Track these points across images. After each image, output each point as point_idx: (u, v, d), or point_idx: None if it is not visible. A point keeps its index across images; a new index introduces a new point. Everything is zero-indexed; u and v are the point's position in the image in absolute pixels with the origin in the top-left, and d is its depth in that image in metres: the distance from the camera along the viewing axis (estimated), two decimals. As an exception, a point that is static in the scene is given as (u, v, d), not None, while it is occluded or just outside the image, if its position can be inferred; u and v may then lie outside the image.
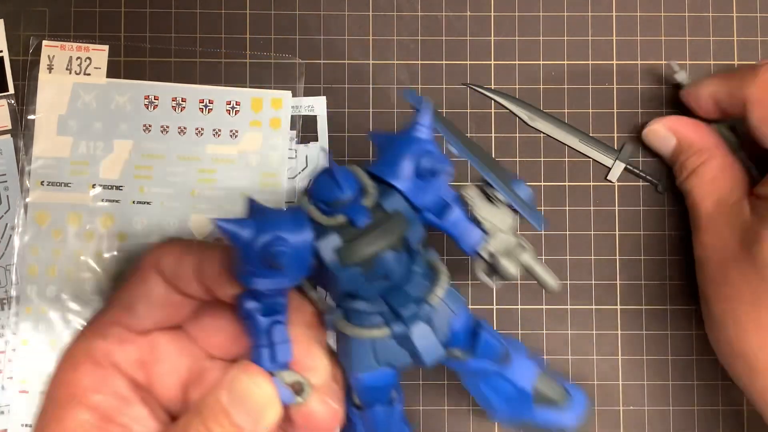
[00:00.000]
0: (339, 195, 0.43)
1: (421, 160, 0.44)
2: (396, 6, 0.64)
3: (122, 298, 0.50)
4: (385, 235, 0.43)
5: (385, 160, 0.45)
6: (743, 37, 0.64)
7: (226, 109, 0.63)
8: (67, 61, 0.63)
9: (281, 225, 0.42)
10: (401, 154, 0.45)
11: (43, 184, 0.62)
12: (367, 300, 0.45)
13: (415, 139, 0.45)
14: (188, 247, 0.49)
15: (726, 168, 0.58)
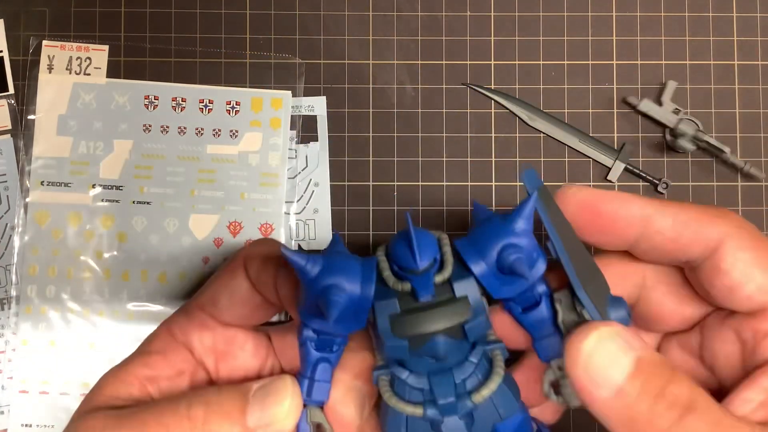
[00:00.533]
0: (412, 265, 0.40)
1: (506, 256, 0.40)
2: (396, 6, 0.64)
3: (212, 287, 0.49)
4: (440, 318, 0.40)
5: (474, 238, 0.42)
6: (743, 37, 0.64)
7: (226, 109, 0.63)
8: (67, 61, 0.63)
9: (348, 272, 0.41)
10: (489, 240, 0.41)
11: (43, 184, 0.62)
12: (413, 372, 0.42)
13: (508, 230, 0.41)
14: (274, 254, 0.48)
15: None
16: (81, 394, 0.61)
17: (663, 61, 0.64)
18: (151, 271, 0.63)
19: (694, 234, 0.42)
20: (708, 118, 0.64)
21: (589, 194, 0.44)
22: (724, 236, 0.41)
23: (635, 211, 0.43)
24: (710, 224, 0.42)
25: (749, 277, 0.41)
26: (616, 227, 0.43)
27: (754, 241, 0.42)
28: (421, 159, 0.64)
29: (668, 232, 0.42)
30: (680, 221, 0.42)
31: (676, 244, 0.42)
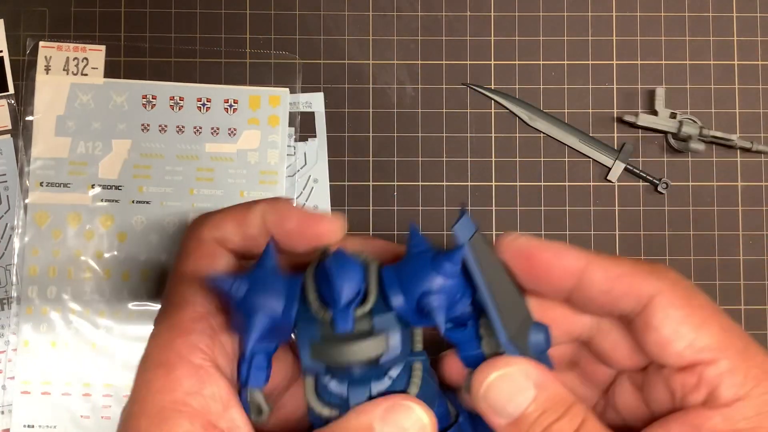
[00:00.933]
0: (331, 301, 0.40)
1: (427, 301, 0.40)
2: (396, 6, 0.64)
3: (188, 290, 0.44)
4: (355, 353, 0.40)
5: (402, 271, 0.41)
6: (743, 37, 0.65)
7: (224, 108, 0.63)
8: (64, 61, 0.63)
9: (272, 293, 0.41)
10: (415, 278, 0.41)
11: (42, 185, 0.62)
12: (335, 377, 0.43)
13: (434, 274, 0.40)
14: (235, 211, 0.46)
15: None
16: (83, 395, 0.61)
17: (663, 61, 0.64)
18: (151, 270, 0.63)
19: (626, 289, 0.42)
20: (708, 118, 0.64)
21: (525, 243, 0.44)
22: (655, 293, 0.41)
23: (569, 262, 0.43)
24: (642, 280, 0.42)
25: (679, 334, 0.41)
26: (551, 277, 0.43)
27: (686, 299, 0.42)
28: (421, 159, 0.64)
29: (600, 285, 0.42)
30: (613, 275, 0.42)
31: (608, 297, 0.42)
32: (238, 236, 0.44)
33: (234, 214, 0.45)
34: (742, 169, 0.64)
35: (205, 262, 0.44)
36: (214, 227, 0.45)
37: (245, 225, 0.44)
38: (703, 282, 0.64)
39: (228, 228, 0.44)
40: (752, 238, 0.64)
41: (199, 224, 0.45)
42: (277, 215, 0.44)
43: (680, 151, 0.64)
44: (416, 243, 0.43)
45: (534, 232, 0.63)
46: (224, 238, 0.44)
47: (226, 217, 0.45)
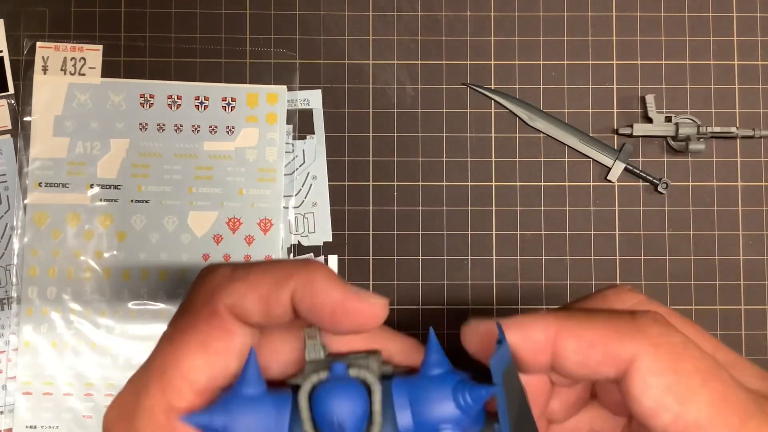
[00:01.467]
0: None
1: (440, 429, 0.37)
2: (396, 6, 0.64)
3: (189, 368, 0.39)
4: None
5: (416, 392, 0.38)
6: (743, 37, 0.65)
7: (221, 106, 0.63)
8: (61, 61, 0.63)
9: (257, 423, 0.37)
10: (430, 407, 0.38)
11: (41, 186, 0.62)
12: None
13: (452, 405, 0.38)
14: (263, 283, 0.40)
15: None
16: (85, 394, 0.61)
17: (663, 61, 0.64)
18: (151, 269, 0.63)
19: (602, 356, 0.37)
20: (708, 118, 0.64)
21: (485, 330, 0.39)
22: (635, 357, 0.36)
23: (537, 338, 0.37)
24: (618, 343, 0.36)
25: (663, 406, 0.36)
26: (523, 358, 0.38)
27: (671, 362, 0.36)
28: (421, 159, 0.64)
29: (574, 356, 0.37)
30: (586, 342, 0.37)
31: (586, 368, 0.37)
32: (261, 315, 0.38)
33: (261, 290, 0.38)
34: (742, 169, 0.64)
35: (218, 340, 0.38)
36: (235, 298, 0.38)
37: (272, 305, 0.38)
38: (703, 282, 0.64)
39: (250, 303, 0.38)
40: (752, 238, 0.64)
41: (215, 288, 0.39)
42: (311, 300, 0.38)
43: (680, 151, 0.64)
44: (435, 360, 0.40)
45: (534, 232, 0.64)
46: (244, 313, 0.38)
47: (251, 291, 0.38)
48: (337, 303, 0.38)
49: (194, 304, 0.39)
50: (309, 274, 0.38)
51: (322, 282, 0.38)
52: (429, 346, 0.40)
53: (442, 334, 0.63)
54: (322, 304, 0.38)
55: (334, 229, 0.63)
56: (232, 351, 0.38)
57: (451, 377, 0.38)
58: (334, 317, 0.38)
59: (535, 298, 0.63)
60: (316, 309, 0.38)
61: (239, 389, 0.38)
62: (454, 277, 0.63)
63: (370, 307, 0.39)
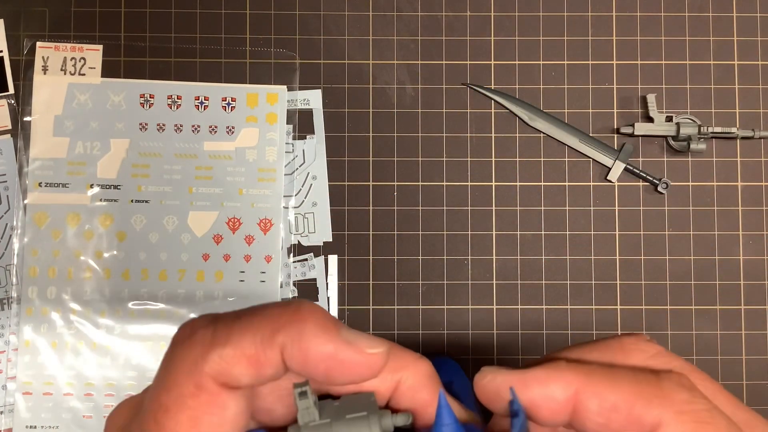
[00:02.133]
0: None
1: None
2: (396, 6, 0.64)
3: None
4: None
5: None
6: (743, 37, 0.65)
7: (221, 106, 0.63)
8: (61, 61, 0.63)
9: None
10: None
11: (41, 186, 0.62)
12: None
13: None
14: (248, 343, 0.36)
15: None
16: (85, 394, 0.61)
17: (663, 61, 0.64)
18: (151, 269, 0.63)
19: (626, 420, 0.35)
20: (708, 118, 0.64)
21: (504, 380, 0.37)
22: (660, 424, 0.35)
23: (557, 393, 0.36)
24: (643, 408, 0.35)
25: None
26: (541, 416, 0.37)
27: (696, 431, 0.35)
28: (421, 159, 0.64)
29: (596, 417, 0.36)
30: (609, 404, 0.36)
31: (607, 429, 0.36)
32: (250, 378, 0.35)
33: (247, 352, 0.35)
34: (742, 169, 0.64)
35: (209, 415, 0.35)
36: (220, 366, 0.35)
37: (262, 367, 0.35)
38: (703, 282, 0.64)
39: (237, 369, 0.35)
40: (752, 238, 0.64)
41: (197, 359, 0.35)
42: (302, 357, 0.35)
43: (681, 151, 0.64)
44: (447, 422, 0.38)
45: (534, 232, 0.64)
46: (233, 380, 0.35)
47: (236, 356, 0.35)
48: (329, 356, 0.35)
49: (177, 376, 0.35)
50: (298, 326, 0.35)
51: (312, 333, 0.35)
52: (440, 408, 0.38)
53: (441, 334, 0.63)
54: (314, 361, 0.35)
55: (334, 229, 0.64)
56: (227, 422, 0.35)
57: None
58: (327, 372, 0.36)
59: (535, 299, 0.63)
60: (309, 366, 0.35)
61: None
62: (454, 277, 0.63)
63: (365, 358, 0.36)
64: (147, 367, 0.62)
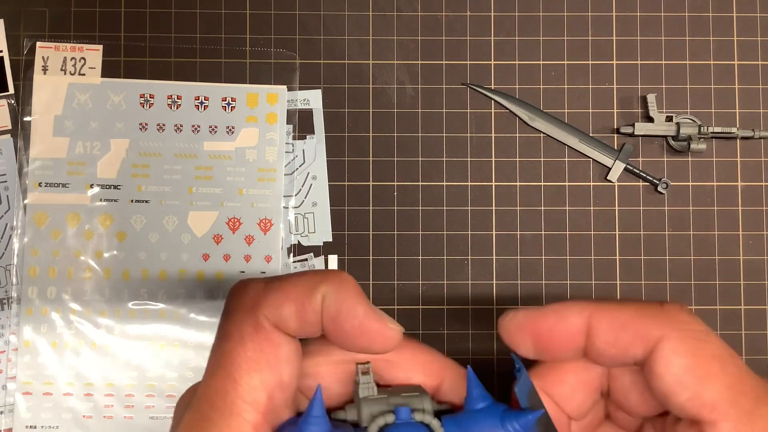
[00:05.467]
0: None
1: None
2: (396, 6, 0.64)
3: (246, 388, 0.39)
4: None
5: (466, 426, 0.40)
6: (743, 37, 0.65)
7: (221, 106, 0.63)
8: (61, 61, 0.63)
9: None
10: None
11: (40, 186, 0.62)
12: None
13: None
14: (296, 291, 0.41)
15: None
16: (85, 394, 0.61)
17: (663, 61, 0.64)
18: (151, 269, 0.63)
19: (632, 336, 0.40)
20: (708, 118, 0.64)
21: (524, 318, 0.42)
22: (662, 338, 0.39)
23: (573, 321, 0.41)
24: (648, 325, 0.39)
25: (682, 385, 0.39)
26: (558, 343, 0.41)
27: (693, 346, 0.39)
28: (421, 159, 0.64)
29: (606, 336, 0.40)
30: (617, 324, 0.40)
31: (616, 348, 0.40)
32: (296, 321, 0.40)
33: (295, 297, 0.40)
34: (742, 169, 0.64)
35: (267, 353, 0.39)
36: (273, 309, 0.39)
37: (305, 310, 0.39)
38: (703, 282, 0.64)
39: (287, 311, 0.39)
40: (752, 238, 0.64)
41: (254, 303, 0.40)
42: (339, 307, 0.40)
43: (681, 151, 0.64)
44: (477, 395, 0.41)
45: (534, 232, 0.64)
46: (282, 322, 0.40)
47: (287, 299, 0.40)
48: (359, 318, 0.39)
49: (236, 321, 0.40)
50: (339, 282, 0.40)
51: (350, 291, 0.40)
52: (470, 382, 0.41)
53: (441, 334, 0.63)
54: (345, 316, 0.39)
55: (334, 229, 0.63)
56: (282, 361, 0.39)
57: (496, 408, 0.40)
58: (352, 332, 0.40)
59: (535, 298, 0.63)
60: (339, 320, 0.39)
61: (305, 426, 0.39)
62: (454, 277, 0.63)
63: (387, 330, 0.40)
64: (147, 367, 0.62)
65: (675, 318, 0.40)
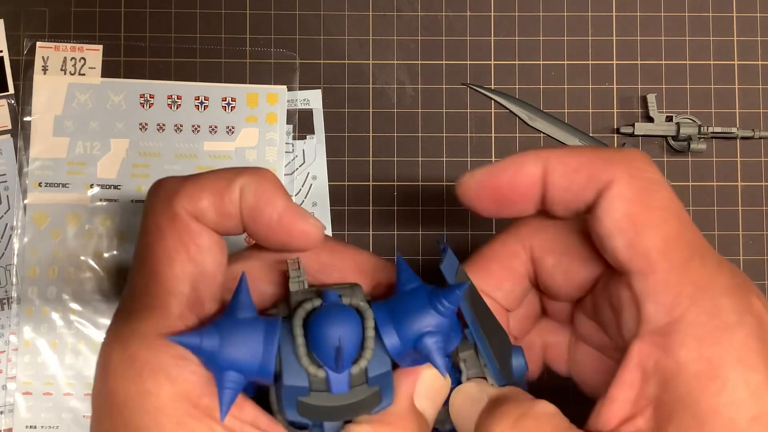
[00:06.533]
0: (333, 370, 0.38)
1: (426, 344, 0.39)
2: (396, 6, 0.64)
3: (167, 279, 0.39)
4: (349, 413, 0.39)
5: (395, 311, 0.39)
6: (743, 37, 0.65)
7: (221, 106, 0.63)
8: (61, 61, 0.63)
9: (248, 345, 0.37)
10: (411, 320, 0.39)
11: (40, 186, 0.62)
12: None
13: (433, 314, 0.39)
14: (213, 181, 0.40)
15: None
16: (85, 394, 0.61)
17: (663, 61, 0.64)
18: (150, 270, 0.63)
19: (585, 179, 0.39)
20: (708, 118, 0.64)
21: (483, 175, 0.42)
22: (612, 180, 0.38)
23: (531, 170, 0.41)
24: (602, 167, 0.39)
25: (621, 230, 0.38)
26: (518, 196, 0.41)
27: (641, 193, 0.39)
28: (421, 159, 0.64)
29: (560, 181, 0.40)
30: (572, 168, 0.40)
31: (570, 192, 0.40)
32: (215, 213, 0.39)
33: (212, 187, 0.39)
34: (742, 169, 0.64)
35: (186, 243, 0.39)
36: (189, 199, 0.39)
37: (223, 201, 0.39)
38: (702, 282, 0.64)
39: (204, 202, 0.39)
40: (752, 238, 0.64)
41: (169, 194, 0.40)
42: (258, 198, 0.39)
43: (681, 151, 0.64)
44: (407, 278, 0.41)
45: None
46: (200, 213, 0.39)
47: (203, 189, 0.39)
48: (278, 210, 0.39)
49: (153, 215, 0.40)
50: (259, 175, 0.39)
51: (269, 184, 0.39)
52: (399, 268, 0.41)
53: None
54: (263, 208, 0.39)
55: (334, 229, 0.63)
56: (203, 252, 0.39)
57: (424, 288, 0.40)
58: (270, 225, 0.39)
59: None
60: (257, 212, 0.39)
61: (231, 312, 0.38)
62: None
63: (307, 225, 0.40)
64: (147, 367, 0.62)
65: (629, 163, 0.39)
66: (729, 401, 0.36)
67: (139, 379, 0.36)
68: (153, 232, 0.39)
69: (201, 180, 0.40)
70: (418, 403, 0.41)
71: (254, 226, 0.40)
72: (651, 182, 0.39)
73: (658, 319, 0.37)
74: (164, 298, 0.38)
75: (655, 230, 0.38)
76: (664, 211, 0.38)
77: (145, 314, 0.38)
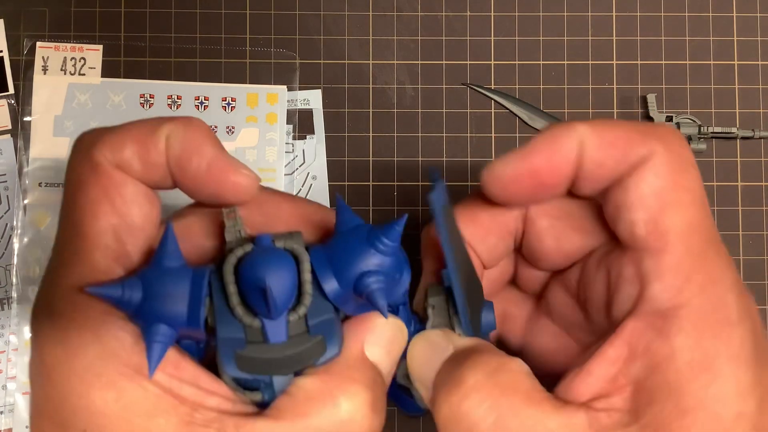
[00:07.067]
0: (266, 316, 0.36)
1: (366, 284, 0.37)
2: (396, 6, 0.64)
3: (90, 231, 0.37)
4: (292, 364, 0.37)
5: (333, 253, 0.38)
6: (743, 37, 0.65)
7: (221, 106, 0.63)
8: (61, 61, 0.62)
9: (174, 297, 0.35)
10: (350, 260, 0.37)
11: (41, 186, 0.62)
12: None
13: (372, 252, 0.37)
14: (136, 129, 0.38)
15: None
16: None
17: (663, 61, 0.64)
18: (150, 270, 0.63)
19: (621, 154, 0.38)
20: (708, 118, 0.64)
21: (516, 160, 0.39)
22: (648, 155, 0.37)
23: (567, 146, 0.38)
24: (640, 143, 0.38)
25: (645, 205, 0.37)
26: (557, 175, 0.39)
27: (675, 172, 0.38)
28: (421, 159, 0.64)
29: (596, 154, 0.38)
30: (607, 141, 0.38)
31: (603, 168, 0.38)
32: (139, 162, 0.37)
33: (135, 135, 0.37)
34: (742, 169, 0.64)
35: (110, 193, 0.37)
36: (111, 148, 0.37)
37: (148, 149, 0.37)
38: (702, 282, 0.64)
39: (127, 151, 0.37)
40: (752, 238, 0.64)
41: (91, 144, 0.37)
42: (185, 146, 0.37)
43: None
44: (346, 219, 0.39)
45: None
46: (124, 162, 0.37)
47: (126, 138, 0.37)
48: (206, 159, 0.37)
49: (76, 166, 0.38)
50: (186, 122, 0.37)
51: (197, 133, 0.37)
52: (339, 209, 0.39)
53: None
54: (190, 156, 0.37)
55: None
56: (128, 203, 0.38)
57: (364, 228, 0.38)
58: (199, 175, 0.37)
59: (535, 298, 0.64)
60: (184, 160, 0.37)
61: (156, 262, 0.36)
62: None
63: (239, 175, 0.38)
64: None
65: (667, 139, 0.38)
66: (717, 395, 0.35)
67: (65, 339, 0.35)
68: (75, 184, 0.37)
69: (124, 129, 0.38)
70: (370, 353, 0.39)
71: (182, 177, 0.38)
72: (686, 162, 0.39)
73: (662, 301, 0.37)
74: (88, 251, 0.36)
75: (681, 211, 0.37)
76: (692, 194, 0.38)
77: (68, 269, 0.36)
